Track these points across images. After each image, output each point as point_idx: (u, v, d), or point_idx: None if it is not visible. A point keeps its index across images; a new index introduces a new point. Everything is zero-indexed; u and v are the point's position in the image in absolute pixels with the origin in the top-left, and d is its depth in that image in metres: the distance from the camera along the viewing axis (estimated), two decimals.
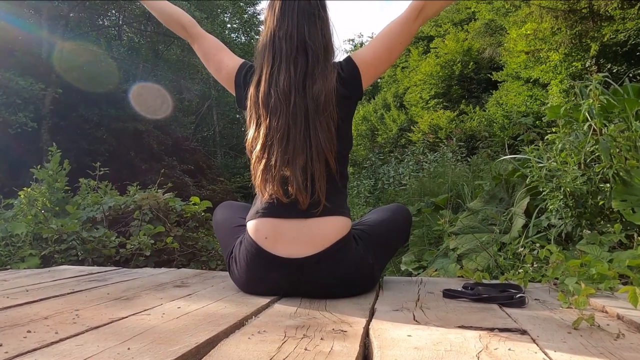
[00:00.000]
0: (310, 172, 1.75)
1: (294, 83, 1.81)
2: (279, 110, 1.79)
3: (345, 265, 1.81)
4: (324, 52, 1.88)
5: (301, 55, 1.84)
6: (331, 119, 1.80)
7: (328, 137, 1.78)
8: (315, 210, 1.76)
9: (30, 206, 4.04)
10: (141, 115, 18.40)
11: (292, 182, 1.74)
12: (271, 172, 1.77)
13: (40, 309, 1.55)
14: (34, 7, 17.75)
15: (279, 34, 1.87)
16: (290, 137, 1.77)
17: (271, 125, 1.79)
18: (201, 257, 4.06)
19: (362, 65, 1.91)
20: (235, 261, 1.91)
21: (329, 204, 1.78)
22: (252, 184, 1.89)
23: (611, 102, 3.07)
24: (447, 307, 1.63)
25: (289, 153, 1.76)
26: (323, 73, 1.84)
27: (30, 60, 15.80)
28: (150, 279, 2.31)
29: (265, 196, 1.79)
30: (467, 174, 6.28)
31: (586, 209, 2.89)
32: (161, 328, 1.29)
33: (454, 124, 19.20)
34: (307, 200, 1.75)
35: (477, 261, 3.20)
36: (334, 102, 1.81)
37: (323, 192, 1.76)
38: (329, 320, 1.41)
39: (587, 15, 11.68)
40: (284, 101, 1.79)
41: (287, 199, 1.76)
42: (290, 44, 1.85)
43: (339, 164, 1.83)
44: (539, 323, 1.39)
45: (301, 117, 1.78)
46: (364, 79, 1.91)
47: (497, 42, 19.04)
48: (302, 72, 1.83)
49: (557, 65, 14.09)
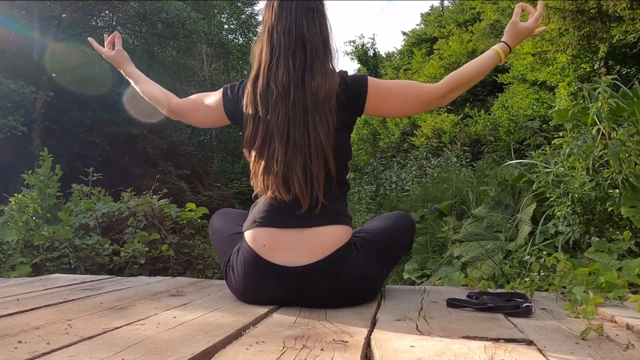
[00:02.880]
0: (309, 169, 1.77)
1: (292, 77, 1.83)
2: (278, 105, 1.80)
3: (346, 274, 1.81)
4: (323, 47, 1.90)
5: (300, 50, 1.86)
6: (330, 117, 1.81)
7: (327, 134, 1.78)
8: (314, 211, 1.77)
9: (21, 213, 4.04)
10: (135, 119, 18.37)
11: (292, 179, 1.75)
12: (273, 170, 1.78)
13: (31, 318, 1.55)
14: (24, 8, 17.77)
15: (278, 28, 1.89)
16: (290, 133, 1.78)
17: (271, 121, 1.80)
18: (197, 265, 4.06)
19: (372, 86, 1.91)
20: (233, 270, 1.92)
21: (328, 204, 1.79)
22: (252, 183, 1.90)
23: (620, 106, 3.07)
24: (451, 317, 1.63)
25: (289, 149, 1.77)
26: (322, 69, 1.86)
27: (21, 62, 15.83)
28: (145, 288, 2.31)
29: (268, 194, 1.79)
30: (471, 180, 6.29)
31: (594, 216, 2.89)
32: (156, 338, 1.29)
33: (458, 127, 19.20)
34: (308, 198, 1.76)
35: (482, 269, 3.20)
36: (333, 100, 1.82)
37: (321, 190, 1.77)
38: (330, 331, 1.41)
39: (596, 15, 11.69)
40: (284, 96, 1.80)
41: (289, 196, 1.77)
42: (289, 38, 1.86)
43: (338, 171, 1.83)
44: (546, 333, 1.39)
45: (300, 111, 1.79)
46: (368, 100, 1.91)
47: None
48: (300, 67, 1.84)
49: (564, 67, 14.09)
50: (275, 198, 1.80)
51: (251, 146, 1.85)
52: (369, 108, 1.93)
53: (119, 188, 5.21)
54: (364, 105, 1.92)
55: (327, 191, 1.80)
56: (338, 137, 1.84)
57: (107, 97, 17.85)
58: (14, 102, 14.53)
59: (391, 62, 35.31)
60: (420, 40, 31.22)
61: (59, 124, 16.94)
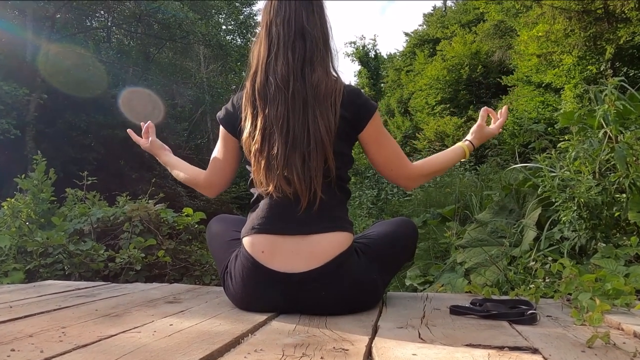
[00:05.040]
0: (307, 163, 1.76)
1: (292, 69, 1.82)
2: (277, 98, 1.80)
3: (346, 281, 1.81)
4: (323, 42, 1.91)
5: (299, 41, 1.86)
6: (332, 113, 1.80)
7: (327, 129, 1.78)
8: (313, 208, 1.77)
9: (14, 218, 4.05)
10: (131, 122, 18.37)
11: (292, 171, 1.75)
12: (273, 163, 1.77)
13: (24, 326, 1.55)
14: (18, 8, 17.84)
15: (276, 20, 1.89)
16: (290, 125, 1.78)
17: (270, 114, 1.80)
18: (194, 272, 4.06)
19: (377, 117, 1.94)
20: (231, 276, 1.91)
21: (327, 206, 1.79)
22: (249, 185, 1.91)
23: (627, 108, 3.08)
24: (454, 325, 1.63)
25: (289, 142, 1.77)
26: (323, 64, 1.86)
27: (13, 63, 15.86)
28: (141, 295, 2.31)
29: (270, 188, 1.78)
30: (475, 184, 6.30)
31: (601, 221, 2.89)
32: (152, 346, 1.29)
33: (462, 131, 19.25)
34: (306, 193, 1.76)
35: (485, 276, 3.20)
36: (335, 97, 1.82)
37: (319, 185, 1.77)
38: (330, 338, 1.41)
39: (602, 16, 11.71)
40: (283, 88, 1.80)
41: (290, 189, 1.76)
42: (288, 29, 1.86)
43: (338, 175, 1.83)
44: (551, 341, 1.39)
45: (300, 104, 1.79)
46: (369, 126, 1.91)
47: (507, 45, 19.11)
48: (300, 58, 1.84)
49: (570, 69, 14.12)
50: (274, 199, 1.81)
51: (251, 143, 1.83)
52: (365, 133, 1.92)
53: (114, 192, 5.20)
54: (365, 126, 1.91)
55: (326, 189, 1.80)
56: (339, 144, 1.84)
57: (102, 99, 17.90)
58: (7, 105, 14.56)
59: (393, 63, 35.39)
60: (423, 41, 31.32)
61: (53, 127, 16.97)
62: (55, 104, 16.77)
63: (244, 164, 2.02)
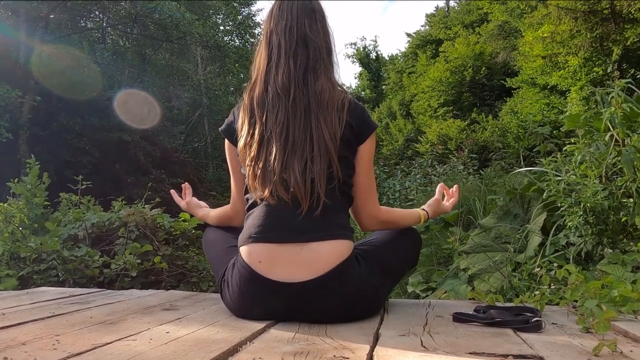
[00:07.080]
0: (310, 168, 1.75)
1: (293, 77, 1.81)
2: (277, 106, 1.79)
3: (347, 289, 1.80)
4: (327, 50, 1.90)
5: (302, 49, 1.85)
6: (337, 118, 1.79)
7: (332, 135, 1.77)
8: (315, 213, 1.76)
9: (7, 223, 4.05)
10: (127, 125, 18.44)
11: (290, 178, 1.74)
12: (270, 169, 1.76)
13: (17, 333, 1.55)
14: (10, 8, 17.87)
15: (277, 29, 1.88)
16: (290, 132, 1.77)
17: (268, 121, 1.79)
18: (192, 278, 4.05)
19: (374, 138, 1.95)
20: (228, 285, 1.90)
21: (329, 211, 1.79)
22: (246, 187, 1.90)
23: (635, 111, 3.08)
24: (458, 332, 1.64)
25: (288, 148, 1.76)
26: (326, 72, 1.86)
27: (6, 65, 15.87)
28: (137, 302, 2.31)
29: (265, 193, 1.77)
30: (479, 188, 6.28)
31: (607, 226, 2.89)
32: (148, 354, 1.29)
33: (465, 134, 19.23)
34: (307, 198, 1.74)
35: (489, 282, 3.21)
36: (340, 105, 1.82)
37: (323, 190, 1.75)
38: (330, 346, 1.41)
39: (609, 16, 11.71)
40: (282, 96, 1.79)
41: (288, 195, 1.75)
42: (290, 37, 1.86)
43: (342, 181, 1.83)
44: (557, 349, 1.40)
45: (301, 111, 1.78)
46: (366, 143, 1.91)
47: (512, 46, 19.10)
48: (302, 66, 1.83)
49: (576, 70, 14.11)
50: (271, 205, 1.79)
51: (247, 152, 1.82)
52: (362, 148, 1.91)
53: (110, 197, 5.22)
54: (365, 140, 1.90)
55: (329, 194, 1.78)
56: (343, 149, 1.83)
57: (97, 101, 17.91)
58: None
59: (394, 65, 35.39)
60: (425, 42, 31.30)
61: (47, 130, 16.97)
62: (49, 106, 16.79)
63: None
